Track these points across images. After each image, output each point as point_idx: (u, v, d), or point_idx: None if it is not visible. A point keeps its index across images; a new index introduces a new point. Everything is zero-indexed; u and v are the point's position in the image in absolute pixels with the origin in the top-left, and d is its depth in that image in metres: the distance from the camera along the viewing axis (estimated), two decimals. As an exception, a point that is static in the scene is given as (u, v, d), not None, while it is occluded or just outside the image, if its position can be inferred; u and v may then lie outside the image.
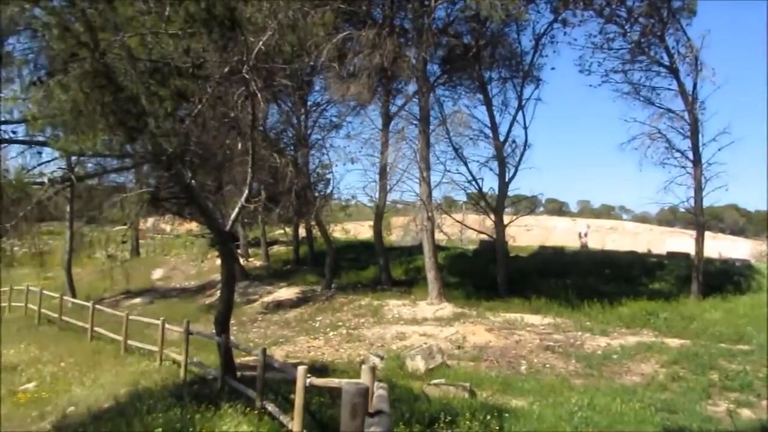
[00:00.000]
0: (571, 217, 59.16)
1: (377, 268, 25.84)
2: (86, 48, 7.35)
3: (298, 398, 7.37)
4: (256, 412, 9.16)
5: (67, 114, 7.40)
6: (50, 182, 7.76)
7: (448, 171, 23.98)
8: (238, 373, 11.91)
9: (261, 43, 9.37)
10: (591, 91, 25.88)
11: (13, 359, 15.75)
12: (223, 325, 11.63)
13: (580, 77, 28.75)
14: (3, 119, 9.22)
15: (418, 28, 21.97)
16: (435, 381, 12.21)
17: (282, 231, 40.30)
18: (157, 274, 34.25)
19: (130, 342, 15.70)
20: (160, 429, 7.79)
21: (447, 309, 20.35)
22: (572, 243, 34.87)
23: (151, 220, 43.24)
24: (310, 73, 24.62)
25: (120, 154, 8.85)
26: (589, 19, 22.91)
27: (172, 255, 40.20)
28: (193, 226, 42.31)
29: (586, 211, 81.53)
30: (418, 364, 14.07)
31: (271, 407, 9.03)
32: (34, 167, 8.97)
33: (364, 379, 5.00)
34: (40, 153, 8.97)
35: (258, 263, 33.83)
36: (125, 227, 40.56)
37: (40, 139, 9.07)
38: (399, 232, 37.91)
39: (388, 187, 24.92)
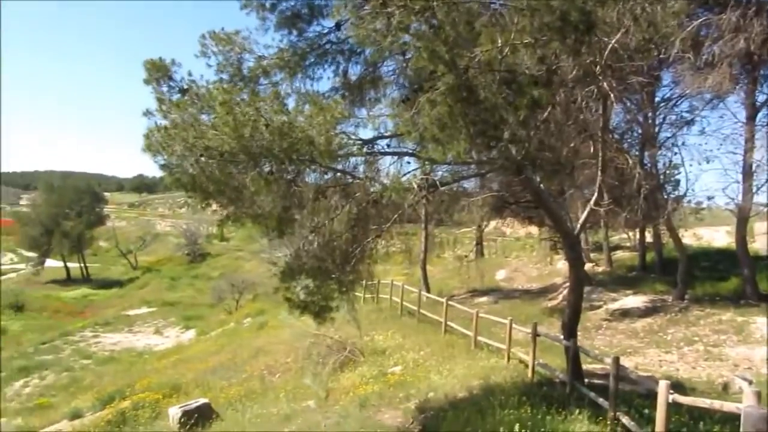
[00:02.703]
0: None
1: (740, 280, 22.79)
2: (445, 65, 7.98)
3: (660, 414, 6.92)
4: (608, 422, 8.89)
5: (433, 127, 8.15)
6: (419, 188, 8.65)
7: (841, 168, 19.96)
8: (585, 380, 11.70)
9: (614, 41, 9.08)
10: None
11: (382, 344, 18.00)
12: (570, 330, 11.56)
13: None
14: (378, 135, 10.71)
15: (798, -1, 18.83)
16: (825, 416, 10.30)
17: (625, 235, 38.40)
18: (501, 275, 35.58)
19: (479, 338, 16.57)
20: (517, 424, 8.07)
21: (837, 332, 16.99)
22: None
23: (493, 223, 45.28)
24: (658, 67, 22.93)
25: (478, 161, 9.45)
26: None
27: (513, 257, 41.41)
28: (532, 229, 43.08)
29: None
30: (800, 393, 12.06)
31: (625, 420, 8.65)
32: (403, 176, 10.16)
33: (748, 403, 4.46)
34: (409, 162, 10.11)
35: (600, 268, 32.79)
36: (472, 229, 43.38)
37: (407, 150, 10.28)
38: (763, 239, 33.00)
39: (755, 188, 21.80)
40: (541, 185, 11.25)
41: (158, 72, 7.82)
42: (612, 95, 9.79)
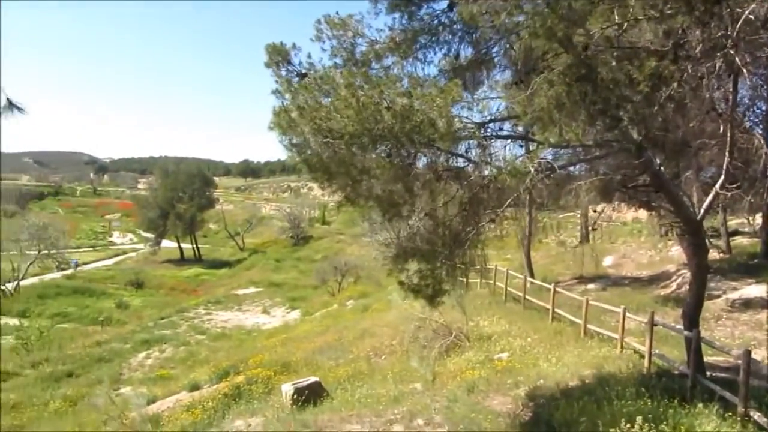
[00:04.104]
0: None
1: None
2: (561, 44, 7.69)
3: (802, 413, 6.45)
4: (737, 418, 8.38)
5: (551, 107, 7.90)
6: (536, 172, 8.42)
7: None
8: (708, 373, 11.10)
9: (748, 11, 8.42)
10: None
11: (488, 330, 17.86)
12: (692, 320, 10.96)
13: None
14: (491, 117, 10.51)
15: None
16: None
17: (744, 220, 35.98)
18: (608, 261, 34.27)
19: (588, 326, 16.09)
20: (639, 417, 7.77)
21: None
22: None
23: (599, 208, 43.59)
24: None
25: (595, 143, 9.10)
26: None
27: (620, 243, 39.76)
28: (640, 214, 41.07)
29: None
30: None
31: (757, 416, 8.14)
32: (515, 159, 9.93)
33: None
34: (521, 146, 9.88)
35: (718, 255, 30.89)
36: (575, 214, 42.03)
37: (520, 133, 10.05)
38: None
39: None
40: (661, 168, 10.69)
41: (278, 56, 8.04)
42: (744, 70, 9.10)
